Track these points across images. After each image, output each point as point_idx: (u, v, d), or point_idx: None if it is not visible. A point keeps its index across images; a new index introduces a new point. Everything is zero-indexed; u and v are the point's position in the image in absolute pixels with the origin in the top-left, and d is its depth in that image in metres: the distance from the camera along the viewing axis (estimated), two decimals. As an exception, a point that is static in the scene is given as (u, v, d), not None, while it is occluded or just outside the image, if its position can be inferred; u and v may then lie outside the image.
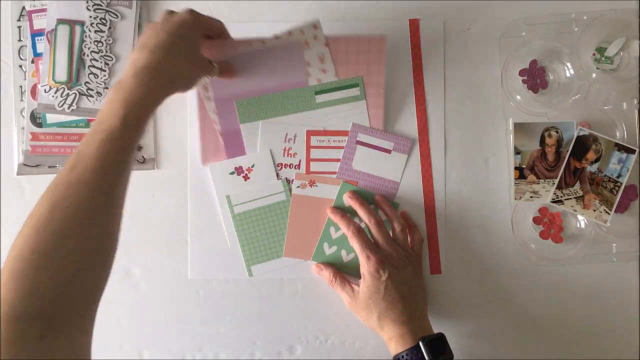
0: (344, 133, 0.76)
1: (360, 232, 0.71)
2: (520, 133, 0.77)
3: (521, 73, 0.77)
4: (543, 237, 0.77)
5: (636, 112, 0.78)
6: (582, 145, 0.76)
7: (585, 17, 0.77)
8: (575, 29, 0.77)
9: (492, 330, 0.79)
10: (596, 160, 0.76)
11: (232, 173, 0.76)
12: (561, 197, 0.77)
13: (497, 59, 0.79)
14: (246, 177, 0.76)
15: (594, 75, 0.77)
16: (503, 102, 0.78)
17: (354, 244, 0.71)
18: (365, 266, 0.69)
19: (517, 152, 0.77)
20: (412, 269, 0.71)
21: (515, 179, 0.78)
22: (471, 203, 0.79)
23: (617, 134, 0.78)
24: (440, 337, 0.68)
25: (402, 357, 0.66)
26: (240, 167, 0.76)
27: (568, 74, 0.77)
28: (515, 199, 0.78)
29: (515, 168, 0.78)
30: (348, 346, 0.78)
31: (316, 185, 0.77)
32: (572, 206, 0.77)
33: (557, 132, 0.77)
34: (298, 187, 0.77)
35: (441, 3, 0.79)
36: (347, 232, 0.73)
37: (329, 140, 0.77)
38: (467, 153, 0.79)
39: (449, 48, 0.79)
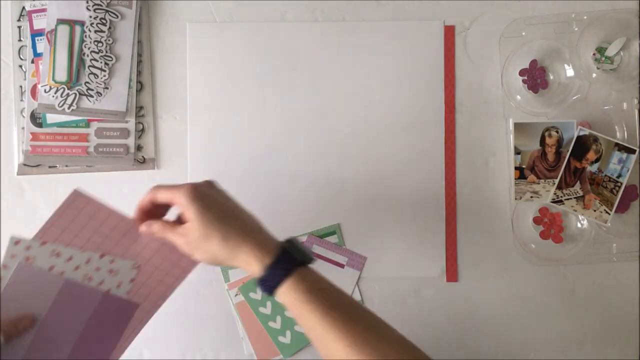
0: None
1: (155, 190, 0.63)
2: (520, 133, 0.77)
3: (521, 73, 0.77)
4: (543, 237, 0.77)
5: (636, 112, 0.78)
6: (582, 145, 0.76)
7: (585, 17, 0.77)
8: (575, 29, 0.77)
9: (492, 330, 0.79)
10: (596, 160, 0.76)
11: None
12: (561, 197, 0.77)
13: (497, 59, 0.79)
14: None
15: (594, 75, 0.77)
16: (503, 102, 0.78)
17: (160, 195, 0.62)
18: (181, 195, 0.60)
19: (517, 152, 0.77)
20: (216, 190, 0.63)
21: (515, 179, 0.78)
22: (471, 203, 0.79)
23: (617, 134, 0.78)
24: (293, 240, 0.61)
25: (274, 267, 0.58)
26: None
27: (568, 74, 0.77)
28: (516, 199, 0.78)
29: (516, 168, 0.78)
30: (348, 346, 0.78)
31: None
32: (572, 206, 0.77)
33: (557, 132, 0.77)
34: (236, 295, 0.77)
35: (441, 3, 0.79)
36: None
37: None
38: (467, 153, 0.79)
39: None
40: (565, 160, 0.77)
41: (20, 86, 0.77)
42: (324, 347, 0.57)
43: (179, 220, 0.63)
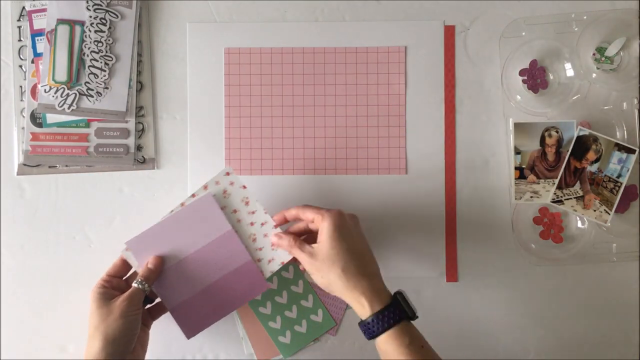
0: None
1: (304, 208, 0.68)
2: (520, 133, 0.77)
3: (521, 73, 0.77)
4: (543, 237, 0.77)
5: (636, 112, 0.78)
6: (582, 145, 0.76)
7: (585, 17, 0.77)
8: (575, 29, 0.77)
9: (492, 330, 0.79)
10: (596, 160, 0.76)
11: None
12: (561, 197, 0.77)
13: (497, 59, 0.79)
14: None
15: (594, 75, 0.77)
16: (503, 102, 0.78)
17: (307, 214, 0.67)
18: (328, 217, 0.65)
19: (517, 152, 0.77)
20: (357, 226, 0.68)
21: (515, 179, 0.78)
22: (471, 203, 0.79)
23: (617, 134, 0.78)
24: (403, 293, 0.65)
25: (384, 315, 0.62)
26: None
27: (568, 74, 0.77)
28: (516, 199, 0.78)
29: (515, 168, 0.78)
30: (348, 346, 0.78)
31: None
32: (572, 206, 0.77)
33: (557, 132, 0.77)
34: None
35: (441, 3, 0.79)
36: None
37: None
38: (467, 153, 0.79)
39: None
40: (565, 160, 0.77)
41: (20, 86, 0.77)
42: None
43: (307, 237, 0.69)
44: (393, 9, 0.78)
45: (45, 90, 0.75)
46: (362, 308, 0.63)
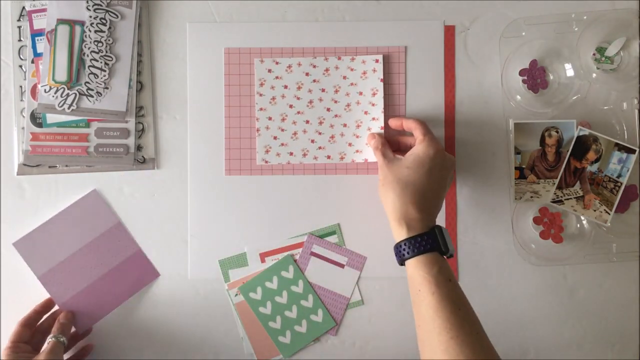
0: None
1: (417, 125, 0.71)
2: (520, 133, 0.77)
3: (521, 73, 0.78)
4: (543, 237, 0.77)
5: (636, 112, 0.78)
6: (582, 145, 0.76)
7: (585, 17, 0.77)
8: (575, 29, 0.77)
9: (492, 330, 0.79)
10: (596, 160, 0.76)
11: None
12: (561, 197, 0.77)
13: (497, 59, 0.79)
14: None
15: (594, 75, 0.77)
16: (503, 102, 0.78)
17: (417, 132, 0.70)
18: (425, 143, 0.68)
19: (517, 152, 0.77)
20: (447, 163, 0.70)
21: (515, 179, 0.78)
22: (471, 203, 0.79)
23: (617, 134, 0.78)
24: (444, 230, 0.67)
25: (417, 241, 0.64)
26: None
27: (568, 74, 0.78)
28: (516, 199, 0.78)
29: (515, 168, 0.78)
30: (348, 346, 0.78)
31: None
32: (572, 206, 0.77)
33: (557, 132, 0.77)
34: (236, 295, 0.77)
35: (441, 3, 0.79)
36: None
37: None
38: (467, 153, 0.79)
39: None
40: (565, 160, 0.77)
41: (20, 86, 0.77)
42: (427, 330, 0.62)
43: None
44: (393, 9, 0.78)
45: (45, 90, 0.75)
46: (400, 231, 0.65)
